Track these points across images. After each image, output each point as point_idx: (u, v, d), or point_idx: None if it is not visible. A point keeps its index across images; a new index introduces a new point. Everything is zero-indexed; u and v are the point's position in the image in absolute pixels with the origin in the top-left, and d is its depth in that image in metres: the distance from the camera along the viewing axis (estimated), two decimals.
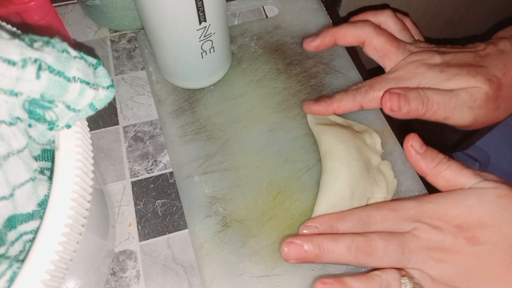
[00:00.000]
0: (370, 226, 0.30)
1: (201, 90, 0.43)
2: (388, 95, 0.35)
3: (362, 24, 0.39)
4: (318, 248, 0.29)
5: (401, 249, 0.29)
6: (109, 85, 0.24)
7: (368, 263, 0.29)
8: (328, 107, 0.38)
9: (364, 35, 0.38)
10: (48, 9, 0.39)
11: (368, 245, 0.29)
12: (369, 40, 0.38)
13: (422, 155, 0.32)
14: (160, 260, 0.35)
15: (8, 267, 0.20)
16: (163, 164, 0.40)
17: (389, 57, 0.38)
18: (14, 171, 0.22)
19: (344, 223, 0.31)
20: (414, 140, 0.32)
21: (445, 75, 0.35)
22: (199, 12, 0.34)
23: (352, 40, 0.39)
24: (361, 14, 0.42)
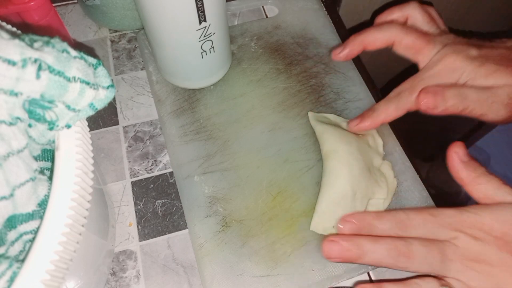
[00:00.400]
0: (408, 228, 0.30)
1: (201, 90, 0.43)
2: (424, 94, 0.34)
3: (388, 25, 0.38)
4: (359, 249, 0.29)
5: (441, 256, 0.28)
6: (109, 85, 0.24)
7: (408, 268, 0.29)
8: (375, 121, 0.36)
9: (393, 36, 0.38)
10: (48, 9, 0.39)
11: (409, 250, 0.29)
12: (399, 40, 0.37)
13: (465, 164, 0.32)
14: (160, 260, 0.35)
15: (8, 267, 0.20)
16: (163, 164, 0.40)
17: (422, 53, 0.37)
18: (14, 171, 0.22)
19: (383, 222, 0.31)
20: (459, 147, 0.32)
21: (484, 70, 0.35)
22: (199, 12, 0.34)
23: (381, 44, 0.38)
24: (386, 11, 0.41)
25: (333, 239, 0.30)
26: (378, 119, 0.36)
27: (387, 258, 0.29)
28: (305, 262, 0.34)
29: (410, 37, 0.37)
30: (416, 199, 0.37)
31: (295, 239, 0.35)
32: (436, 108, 0.34)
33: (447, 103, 0.34)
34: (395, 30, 0.37)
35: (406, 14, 0.40)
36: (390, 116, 0.36)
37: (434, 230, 0.30)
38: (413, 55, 0.38)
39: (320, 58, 0.45)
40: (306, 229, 0.35)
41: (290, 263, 0.34)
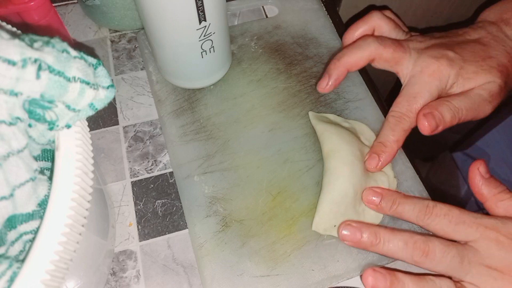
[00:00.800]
0: (431, 215, 0.30)
1: (201, 90, 0.43)
2: (424, 118, 0.34)
3: (366, 43, 0.38)
4: (375, 236, 0.30)
5: (460, 258, 0.29)
6: (109, 85, 0.24)
7: (424, 264, 0.29)
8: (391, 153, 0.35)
9: (373, 53, 0.37)
10: (48, 9, 0.39)
11: (426, 245, 0.29)
12: (379, 55, 0.37)
13: (486, 180, 0.32)
14: (160, 260, 0.35)
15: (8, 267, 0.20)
16: (163, 164, 0.40)
17: (401, 63, 0.37)
18: (14, 171, 0.22)
19: (408, 201, 0.31)
20: (481, 165, 0.33)
21: (465, 72, 0.36)
22: (199, 12, 0.34)
23: (364, 63, 0.38)
24: (351, 27, 0.40)
25: (350, 223, 0.31)
26: (393, 151, 0.35)
27: (402, 250, 0.29)
28: (305, 262, 0.34)
29: (388, 50, 0.37)
30: None
31: (295, 239, 0.35)
32: (437, 129, 0.35)
33: (446, 122, 0.34)
34: (374, 46, 0.37)
35: (372, 26, 0.40)
36: (401, 142, 0.36)
37: (456, 224, 0.30)
38: (392, 67, 0.38)
39: (320, 58, 0.45)
40: (306, 229, 0.35)
41: (290, 263, 0.34)
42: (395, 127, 0.36)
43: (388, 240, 0.30)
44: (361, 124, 0.40)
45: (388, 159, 0.35)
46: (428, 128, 0.34)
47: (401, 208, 0.32)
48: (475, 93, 0.35)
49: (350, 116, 0.41)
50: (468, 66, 0.36)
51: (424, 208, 0.31)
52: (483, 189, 0.32)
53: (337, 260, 0.34)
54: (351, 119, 0.41)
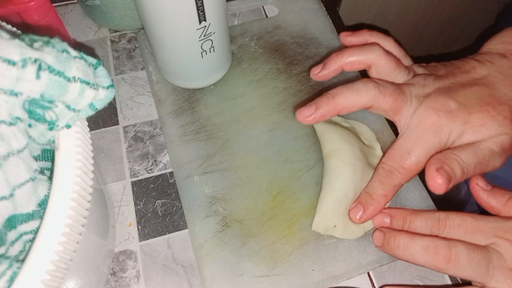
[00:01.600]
0: (445, 228, 0.29)
1: (201, 90, 0.43)
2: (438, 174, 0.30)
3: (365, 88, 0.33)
4: (394, 240, 0.30)
5: (487, 263, 0.28)
6: (109, 85, 0.24)
7: (448, 270, 0.28)
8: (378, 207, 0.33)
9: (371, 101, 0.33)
10: (48, 9, 0.39)
11: (449, 251, 0.28)
12: (377, 104, 0.33)
13: (490, 192, 0.31)
14: (160, 260, 0.35)
15: (8, 267, 0.20)
16: (163, 164, 0.40)
17: (400, 113, 0.34)
18: (14, 171, 0.22)
19: (418, 217, 0.31)
20: (479, 179, 0.32)
21: (470, 126, 0.32)
22: (199, 12, 0.34)
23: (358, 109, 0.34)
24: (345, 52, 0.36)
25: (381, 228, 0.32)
26: (380, 205, 0.33)
27: (423, 256, 0.29)
28: (305, 262, 0.34)
29: (388, 100, 0.33)
30: (416, 199, 0.37)
31: (295, 239, 0.35)
32: (449, 186, 0.31)
33: (456, 179, 0.31)
34: (374, 94, 0.33)
35: (369, 62, 0.35)
36: (389, 198, 0.33)
37: (473, 233, 0.29)
38: (390, 116, 0.35)
39: (320, 58, 0.45)
40: (306, 229, 0.35)
41: (290, 263, 0.34)
42: (384, 180, 0.33)
43: (407, 245, 0.29)
44: (361, 124, 0.40)
45: (374, 212, 0.33)
46: (443, 186, 0.30)
47: (413, 226, 0.31)
48: (484, 146, 0.31)
49: (350, 116, 0.41)
50: (474, 118, 0.32)
51: (437, 222, 0.30)
52: (491, 201, 0.31)
53: (337, 260, 0.34)
54: (351, 119, 0.41)
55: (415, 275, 0.34)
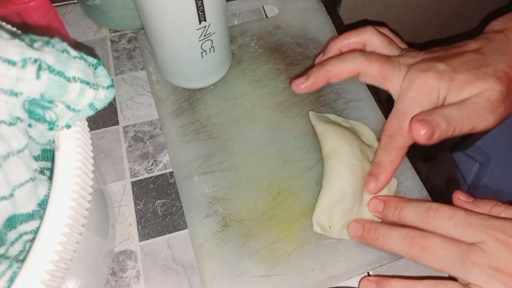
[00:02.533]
0: (435, 218, 0.30)
1: (201, 90, 0.43)
2: (418, 124, 0.32)
3: (351, 56, 0.36)
4: (375, 231, 0.31)
5: (462, 257, 0.28)
6: (109, 85, 0.24)
7: (421, 260, 0.29)
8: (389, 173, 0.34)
9: (358, 67, 0.36)
10: (48, 9, 0.39)
11: (425, 241, 0.29)
12: (364, 70, 0.36)
13: (473, 204, 0.32)
14: (160, 260, 0.35)
15: (8, 267, 0.20)
16: (163, 164, 0.40)
17: (390, 80, 0.35)
18: (14, 171, 0.22)
19: (410, 205, 0.31)
20: (459, 194, 0.33)
21: (456, 84, 0.33)
22: (199, 12, 0.34)
23: (346, 75, 0.37)
24: (342, 35, 0.39)
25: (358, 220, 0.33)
26: (389, 172, 0.34)
27: (400, 245, 0.29)
28: (305, 262, 0.34)
29: (374, 66, 0.35)
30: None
31: (295, 239, 0.35)
32: (432, 137, 0.32)
33: (441, 129, 0.32)
34: (359, 61, 0.36)
35: (363, 40, 0.38)
36: (397, 162, 0.34)
37: (462, 227, 0.29)
38: (381, 83, 0.36)
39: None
40: (306, 229, 0.35)
41: (290, 263, 0.34)
42: (388, 146, 0.34)
43: (386, 234, 0.30)
44: (361, 124, 0.40)
45: (386, 179, 0.34)
46: (425, 135, 0.32)
47: (403, 213, 0.31)
48: (470, 101, 0.33)
49: (350, 116, 0.41)
50: (460, 76, 0.34)
51: (427, 211, 0.30)
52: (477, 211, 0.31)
53: (337, 260, 0.34)
54: (351, 119, 0.41)
55: (415, 275, 0.34)
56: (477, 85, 0.33)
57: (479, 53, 0.35)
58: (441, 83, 0.33)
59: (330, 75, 0.37)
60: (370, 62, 0.36)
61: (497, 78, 0.33)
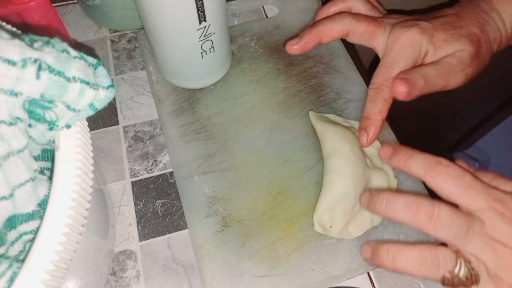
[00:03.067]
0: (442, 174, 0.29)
1: (201, 90, 0.43)
2: (399, 82, 0.35)
3: (340, 16, 0.39)
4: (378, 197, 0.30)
5: (467, 226, 0.28)
6: (109, 85, 0.24)
7: (427, 228, 0.29)
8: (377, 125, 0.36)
9: (347, 26, 0.39)
10: (48, 9, 0.39)
11: (432, 208, 0.28)
12: (353, 28, 0.39)
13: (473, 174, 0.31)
14: (160, 260, 0.35)
15: (8, 267, 0.20)
16: (163, 164, 0.40)
17: (376, 37, 0.38)
18: (14, 171, 0.22)
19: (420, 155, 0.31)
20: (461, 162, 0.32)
21: (435, 41, 0.37)
22: (199, 12, 0.34)
23: (337, 35, 0.39)
24: (329, 3, 0.42)
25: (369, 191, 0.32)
26: (378, 122, 0.36)
27: (404, 212, 0.29)
28: (305, 262, 0.34)
29: (362, 24, 0.38)
30: None
31: (295, 239, 0.35)
32: (411, 94, 0.35)
33: (419, 86, 0.35)
34: (348, 20, 0.39)
35: (349, 6, 0.41)
36: (384, 113, 0.37)
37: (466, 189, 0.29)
38: (368, 41, 0.39)
39: (320, 58, 0.45)
40: (306, 229, 0.35)
41: (290, 263, 0.34)
42: (375, 98, 0.36)
43: (390, 200, 0.30)
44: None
45: (376, 130, 0.36)
46: (404, 92, 0.34)
47: (410, 160, 0.31)
48: (445, 61, 0.36)
49: (350, 116, 0.41)
50: (439, 33, 0.37)
51: (437, 164, 0.30)
52: None
53: (337, 260, 0.34)
54: (351, 119, 0.41)
55: None
56: (452, 45, 0.36)
57: (455, 15, 0.39)
58: (424, 38, 0.36)
59: (322, 35, 0.39)
60: (357, 21, 0.38)
61: (470, 39, 0.37)
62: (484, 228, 0.28)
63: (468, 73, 0.37)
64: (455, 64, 0.36)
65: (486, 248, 0.28)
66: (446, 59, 0.36)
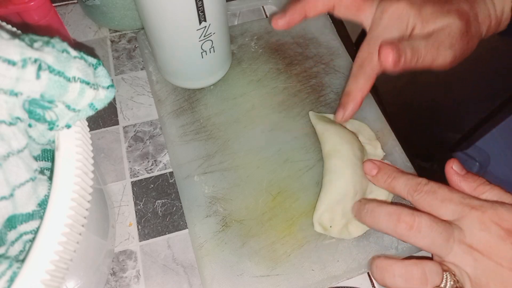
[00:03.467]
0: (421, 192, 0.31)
1: (201, 90, 0.43)
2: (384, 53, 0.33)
3: None
4: (363, 207, 0.31)
5: (447, 234, 0.29)
6: (109, 85, 0.24)
7: (408, 238, 0.29)
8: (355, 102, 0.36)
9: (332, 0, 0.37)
10: (48, 9, 0.39)
11: (412, 219, 0.29)
12: (338, 1, 0.37)
13: (463, 177, 0.32)
14: (160, 260, 0.35)
15: (8, 267, 0.20)
16: (163, 164, 0.40)
17: (363, 10, 0.37)
18: (14, 171, 0.22)
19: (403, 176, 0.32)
20: (454, 163, 0.33)
21: (424, 14, 0.35)
22: (199, 12, 0.34)
23: (322, 9, 0.38)
24: None
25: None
26: (357, 99, 0.36)
27: (386, 222, 0.30)
28: (305, 262, 0.34)
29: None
30: None
31: (295, 239, 0.35)
32: (398, 64, 0.33)
33: (407, 57, 0.34)
34: None
35: None
36: (365, 90, 0.36)
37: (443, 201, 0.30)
38: (355, 15, 0.37)
39: (320, 58, 0.45)
40: (306, 229, 0.35)
41: (290, 263, 0.34)
42: (357, 73, 0.36)
43: (373, 210, 0.31)
44: (361, 124, 0.40)
45: (355, 107, 0.36)
46: (392, 60, 0.33)
47: (394, 182, 0.32)
48: (434, 36, 0.35)
49: None
50: (427, 8, 0.35)
51: (416, 185, 0.31)
52: (463, 185, 0.32)
53: (337, 260, 0.34)
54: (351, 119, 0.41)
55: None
56: (441, 19, 0.35)
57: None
58: (411, 11, 0.35)
59: (307, 8, 0.37)
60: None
61: (459, 15, 0.35)
62: (463, 236, 0.29)
63: (456, 50, 0.36)
64: (443, 38, 0.35)
65: (466, 256, 0.28)
66: (435, 34, 0.35)
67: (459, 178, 0.32)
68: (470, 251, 0.28)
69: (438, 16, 0.35)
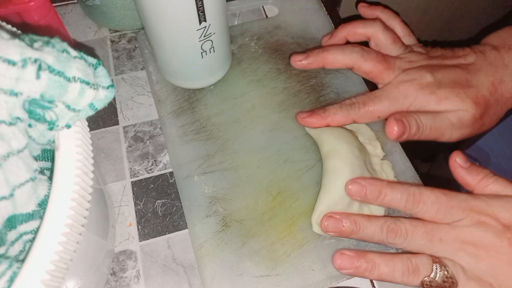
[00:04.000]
0: (419, 204, 0.31)
1: (201, 90, 0.43)
2: (394, 122, 0.36)
3: (350, 50, 0.40)
4: (355, 224, 0.32)
5: (430, 236, 0.30)
6: (109, 85, 0.24)
7: (397, 244, 0.31)
8: (322, 120, 0.38)
9: (352, 62, 0.39)
10: (48, 9, 0.39)
11: (398, 228, 0.31)
12: (358, 66, 0.39)
13: (467, 170, 0.33)
14: (160, 260, 0.35)
15: (8, 267, 0.20)
16: (163, 164, 0.40)
17: (381, 78, 0.39)
18: (14, 171, 0.22)
19: (394, 192, 0.32)
20: (458, 156, 0.33)
21: (435, 97, 0.37)
22: (199, 12, 0.34)
23: (340, 66, 0.40)
24: (350, 23, 0.42)
25: (331, 214, 0.33)
26: (325, 121, 0.38)
27: (379, 234, 0.31)
28: (305, 262, 0.34)
29: (368, 64, 0.39)
30: None
31: (295, 239, 0.35)
32: (402, 136, 0.36)
33: (411, 133, 0.36)
34: (355, 56, 0.39)
35: (369, 33, 0.41)
36: (336, 121, 0.38)
37: (445, 210, 0.31)
38: (372, 79, 0.40)
39: None
40: (306, 229, 0.35)
41: (290, 263, 0.34)
42: (342, 106, 0.38)
43: (366, 227, 0.31)
44: (361, 124, 0.40)
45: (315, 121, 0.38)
46: (396, 133, 0.36)
47: (388, 199, 0.32)
48: (444, 116, 0.36)
49: None
50: (442, 91, 0.37)
51: (411, 197, 0.31)
52: (467, 178, 0.33)
53: None
54: None
55: None
56: (454, 103, 0.36)
57: (470, 71, 0.38)
58: (420, 94, 0.37)
59: (326, 61, 0.41)
60: (364, 60, 0.39)
61: (475, 102, 0.36)
62: (454, 233, 0.30)
63: (464, 133, 0.37)
64: (453, 122, 0.36)
65: (459, 252, 0.30)
66: (446, 114, 0.37)
67: (464, 171, 0.33)
68: (464, 246, 0.29)
69: (452, 99, 0.36)
